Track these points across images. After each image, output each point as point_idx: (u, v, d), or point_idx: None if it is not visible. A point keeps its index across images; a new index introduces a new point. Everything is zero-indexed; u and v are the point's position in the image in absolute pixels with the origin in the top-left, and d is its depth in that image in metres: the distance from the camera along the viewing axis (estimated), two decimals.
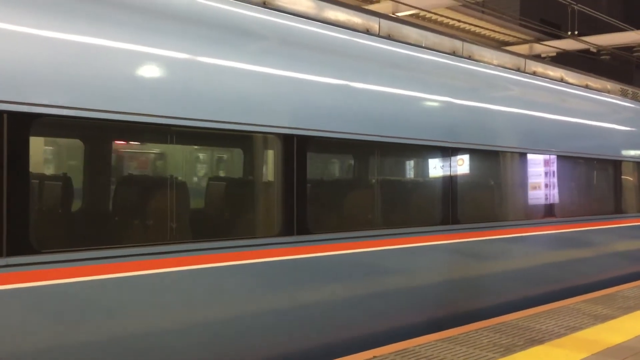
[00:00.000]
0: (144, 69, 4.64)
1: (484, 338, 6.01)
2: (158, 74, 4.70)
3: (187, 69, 4.87)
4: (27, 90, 4.00)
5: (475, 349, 5.64)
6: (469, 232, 7.34)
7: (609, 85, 11.32)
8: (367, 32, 6.82)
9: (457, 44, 8.06)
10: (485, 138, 7.66)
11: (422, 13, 16.64)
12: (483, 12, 19.06)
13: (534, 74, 9.37)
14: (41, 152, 5.17)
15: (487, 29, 19.40)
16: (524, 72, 9.15)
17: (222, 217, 5.84)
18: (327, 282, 5.81)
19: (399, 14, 15.44)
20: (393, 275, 6.45)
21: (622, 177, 10.53)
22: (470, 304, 7.37)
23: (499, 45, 19.70)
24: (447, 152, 7.09)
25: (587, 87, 10.61)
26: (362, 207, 6.61)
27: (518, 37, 20.82)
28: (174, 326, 4.69)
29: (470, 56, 8.21)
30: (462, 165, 7.35)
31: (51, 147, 5.79)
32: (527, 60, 9.37)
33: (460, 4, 16.14)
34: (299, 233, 5.52)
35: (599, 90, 10.92)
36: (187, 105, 4.79)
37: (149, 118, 4.56)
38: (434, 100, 7.16)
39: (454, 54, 7.94)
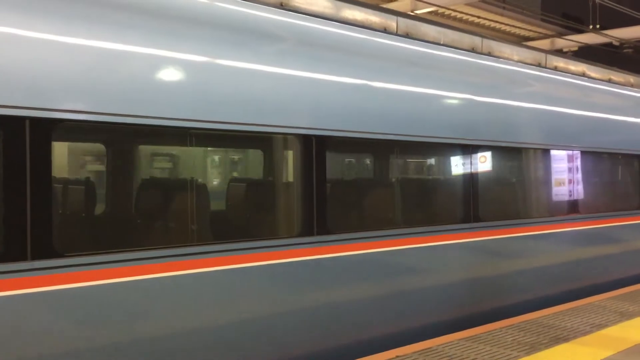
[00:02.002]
0: (163, 73, 4.68)
1: (508, 336, 5.97)
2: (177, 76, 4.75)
3: (204, 71, 4.92)
4: (50, 95, 4.06)
5: (499, 347, 5.60)
6: (491, 230, 7.26)
7: (632, 78, 11.15)
8: (385, 30, 6.78)
9: (476, 41, 8.01)
10: (506, 135, 7.58)
11: (440, 10, 16.54)
12: (504, 7, 18.88)
13: (555, 69, 9.25)
14: (65, 156, 5.24)
15: (507, 24, 19.22)
16: (545, 67, 9.03)
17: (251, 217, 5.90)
18: (348, 281, 5.79)
19: (418, 12, 15.37)
20: (415, 274, 6.42)
21: None
22: (491, 303, 7.31)
23: (520, 40, 19.53)
24: (468, 149, 7.04)
25: (610, 81, 10.44)
26: (381, 206, 6.58)
27: (539, 32, 20.61)
28: (198, 327, 4.72)
29: (489, 52, 8.14)
30: (483, 162, 7.29)
31: (75, 152, 5.86)
32: (548, 55, 9.26)
33: (480, 0, 16.01)
34: (319, 233, 5.53)
35: (622, 84, 10.73)
36: (204, 108, 4.83)
37: (168, 121, 4.61)
38: (453, 97, 7.10)
39: (473, 50, 7.88)
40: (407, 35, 7.07)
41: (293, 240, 5.37)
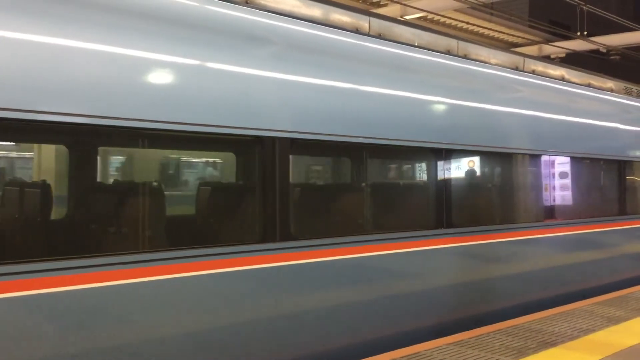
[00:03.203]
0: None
1: (496, 341, 5.97)
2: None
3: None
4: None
5: (487, 352, 5.59)
6: (464, 237, 7.04)
7: (611, 83, 11.08)
8: (357, 31, 6.61)
9: (452, 43, 7.87)
10: (481, 139, 7.42)
11: (429, 16, 16.60)
12: (492, 13, 19.00)
13: (533, 72, 9.13)
14: None
15: (495, 30, 19.33)
16: (523, 70, 8.91)
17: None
18: (312, 290, 5.55)
19: (407, 17, 15.43)
20: (383, 282, 6.18)
21: (626, 177, 10.19)
22: (464, 311, 7.05)
23: (508, 46, 19.63)
24: (440, 153, 6.85)
25: (589, 85, 10.34)
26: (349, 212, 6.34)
27: (527, 38, 20.73)
28: (150, 339, 4.54)
29: (465, 55, 8.01)
30: (456, 167, 7.14)
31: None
32: (526, 59, 9.15)
33: (468, 6, 16.10)
34: (282, 239, 5.30)
35: (602, 89, 10.62)
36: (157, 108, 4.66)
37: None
38: (426, 100, 6.91)
39: (448, 53, 7.74)
40: (380, 37, 6.89)
41: (254, 247, 5.14)
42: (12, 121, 3.96)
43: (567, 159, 8.91)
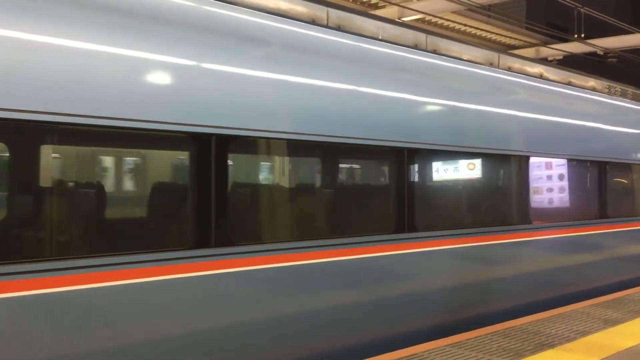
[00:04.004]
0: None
1: (493, 343, 5.98)
2: None
3: None
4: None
5: (484, 354, 5.60)
6: (426, 241, 6.59)
7: (592, 82, 10.61)
8: (313, 22, 6.14)
9: (420, 37, 7.43)
10: (446, 138, 6.96)
11: (427, 17, 16.64)
12: (489, 16, 19.04)
13: (509, 69, 8.64)
14: None
15: (493, 32, 19.38)
16: (497, 67, 8.41)
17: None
18: (253, 300, 5.13)
19: (405, 19, 15.47)
20: (335, 290, 5.74)
21: (607, 179, 9.65)
22: (426, 321, 6.62)
23: (506, 49, 19.68)
24: (402, 153, 6.41)
25: (569, 84, 9.85)
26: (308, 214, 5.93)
27: (524, 41, 20.80)
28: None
29: (435, 50, 7.59)
30: (421, 168, 6.76)
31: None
32: (501, 55, 8.68)
33: (466, 8, 16.14)
34: (219, 245, 4.87)
35: (582, 87, 10.08)
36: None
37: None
38: (386, 97, 6.43)
39: (416, 47, 7.30)
40: (339, 28, 6.40)
41: (186, 253, 4.70)
42: None
43: (542, 160, 8.50)
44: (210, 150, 4.84)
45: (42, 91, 4.04)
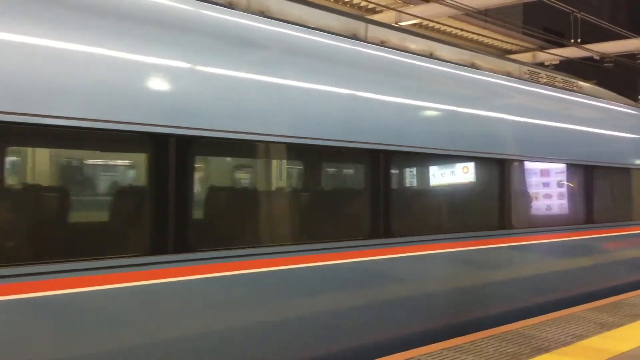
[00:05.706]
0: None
1: (490, 347, 6.00)
2: None
3: None
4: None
5: (481, 357, 5.63)
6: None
7: (510, 67, 8.95)
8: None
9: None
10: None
11: (425, 22, 16.71)
12: (486, 20, 19.12)
13: (382, 43, 7.02)
14: None
15: (490, 37, 19.45)
16: (366, 40, 6.83)
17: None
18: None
19: (402, 24, 15.51)
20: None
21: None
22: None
23: (502, 53, 19.75)
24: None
25: (472, 66, 8.18)
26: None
27: (521, 46, 20.87)
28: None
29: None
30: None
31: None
32: (369, 26, 7.10)
33: (463, 13, 16.20)
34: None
35: (492, 72, 8.47)
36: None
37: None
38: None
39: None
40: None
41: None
42: None
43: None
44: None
45: None
